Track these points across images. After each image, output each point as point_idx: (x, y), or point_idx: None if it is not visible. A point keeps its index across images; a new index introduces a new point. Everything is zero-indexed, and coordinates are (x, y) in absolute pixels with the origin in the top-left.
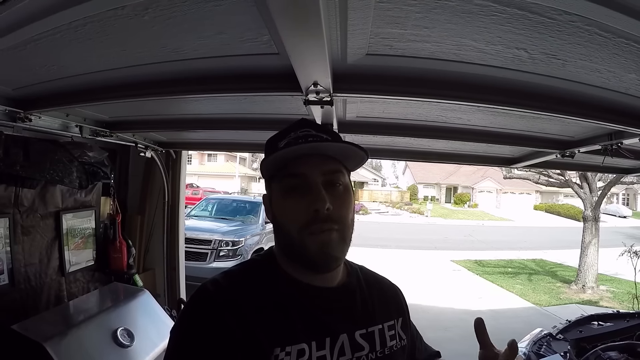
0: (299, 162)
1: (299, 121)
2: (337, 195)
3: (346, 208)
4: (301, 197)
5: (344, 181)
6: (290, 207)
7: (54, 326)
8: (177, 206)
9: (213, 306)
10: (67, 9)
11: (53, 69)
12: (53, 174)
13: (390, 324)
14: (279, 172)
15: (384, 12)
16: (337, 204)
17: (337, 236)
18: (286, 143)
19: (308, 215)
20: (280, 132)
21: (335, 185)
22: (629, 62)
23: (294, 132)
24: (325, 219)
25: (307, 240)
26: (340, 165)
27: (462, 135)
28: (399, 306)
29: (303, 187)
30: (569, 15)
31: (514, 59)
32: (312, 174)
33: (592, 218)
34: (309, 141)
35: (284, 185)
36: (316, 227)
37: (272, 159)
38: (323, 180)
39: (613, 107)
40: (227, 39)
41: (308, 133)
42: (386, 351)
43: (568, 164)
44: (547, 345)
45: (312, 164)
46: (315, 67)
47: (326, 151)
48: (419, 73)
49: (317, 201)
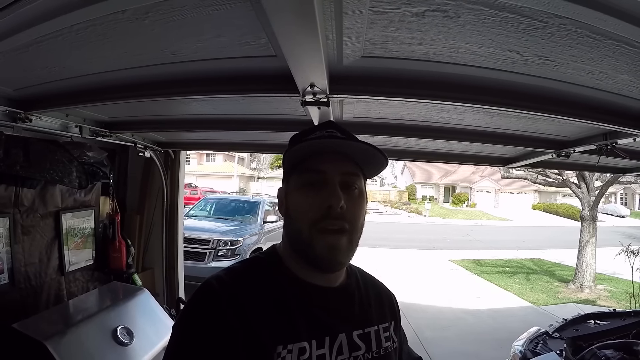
0: (320, 158)
1: (326, 122)
2: (352, 197)
3: (359, 211)
4: (317, 193)
5: (359, 185)
6: (305, 202)
7: (55, 325)
8: (176, 206)
9: (217, 303)
10: (70, 13)
11: (54, 71)
12: (53, 173)
13: (385, 325)
14: (298, 166)
15: (378, 15)
16: (351, 205)
17: (346, 240)
18: (310, 138)
19: (321, 210)
20: (306, 129)
21: (351, 188)
22: (620, 63)
23: (320, 131)
24: (338, 216)
25: (315, 237)
26: (359, 170)
27: (459, 136)
28: (392, 310)
29: (320, 183)
30: (560, 18)
31: (507, 61)
32: (331, 171)
33: (590, 217)
34: (334, 141)
35: (302, 179)
36: (327, 223)
37: (295, 149)
38: (340, 180)
39: (607, 107)
40: (226, 41)
41: (333, 134)
42: (381, 352)
43: (564, 164)
44: (543, 344)
45: (332, 162)
46: (311, 69)
47: (348, 151)
48: (414, 75)
49: (331, 197)
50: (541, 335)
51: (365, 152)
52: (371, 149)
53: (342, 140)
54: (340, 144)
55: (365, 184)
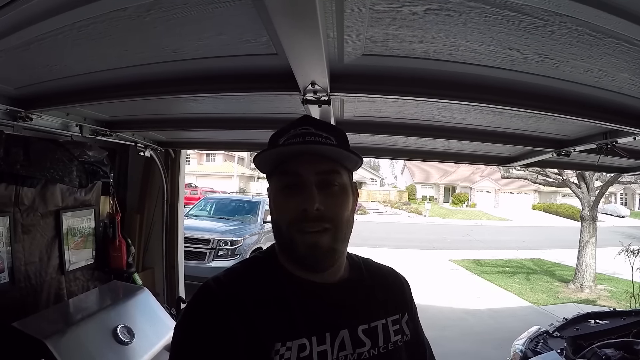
0: (294, 160)
1: (300, 118)
2: (332, 194)
3: (340, 207)
4: (293, 195)
5: (340, 181)
6: (283, 204)
7: (55, 324)
8: (176, 205)
9: (216, 304)
10: (72, 10)
11: (55, 69)
12: (53, 173)
13: (395, 318)
14: (276, 168)
15: (379, 13)
16: (331, 203)
17: (328, 236)
18: (284, 140)
19: (297, 213)
20: (283, 128)
21: (330, 185)
22: (620, 61)
23: (294, 129)
24: (315, 218)
25: (295, 237)
26: (337, 165)
27: (459, 135)
28: (404, 300)
29: (296, 185)
30: (560, 16)
31: (507, 59)
32: (306, 173)
33: (590, 217)
34: (306, 140)
35: (279, 181)
36: (304, 226)
37: (264, 156)
38: (317, 180)
39: (607, 106)
40: (227, 39)
41: (307, 131)
42: (390, 346)
43: (564, 163)
44: (543, 343)
45: (306, 163)
46: (312, 67)
47: (320, 152)
48: (415, 73)
49: (305, 201)
50: (542, 335)
51: (339, 153)
52: (340, 151)
53: (311, 145)
54: (309, 148)
55: (350, 175)
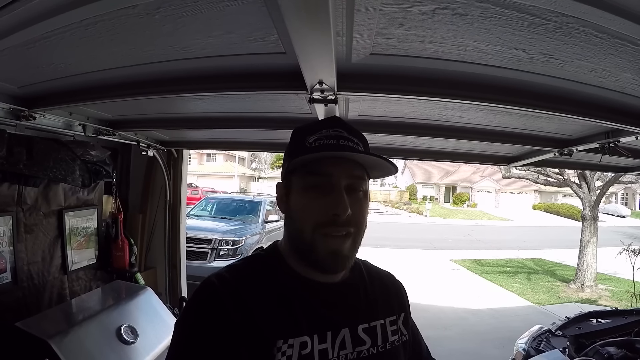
0: (329, 162)
1: (331, 119)
2: (357, 200)
3: (364, 214)
4: (322, 197)
5: (364, 188)
6: (310, 205)
7: (58, 323)
8: (179, 205)
9: (218, 300)
10: (81, 7)
11: (60, 67)
12: (56, 172)
13: (392, 319)
14: (303, 167)
15: (389, 13)
16: (356, 209)
17: (350, 242)
18: (316, 139)
19: (326, 217)
20: (311, 125)
21: (356, 191)
22: (624, 61)
23: (326, 129)
24: (344, 223)
25: (318, 240)
26: (364, 172)
27: (462, 134)
28: (401, 302)
29: (326, 187)
30: (566, 17)
31: (513, 59)
32: (338, 175)
33: (591, 217)
34: (341, 144)
35: (306, 180)
36: (332, 230)
37: (302, 160)
38: (346, 184)
39: (610, 105)
40: (236, 38)
41: (340, 134)
42: (387, 346)
43: (566, 163)
44: (546, 342)
45: (340, 166)
46: (321, 66)
47: (360, 160)
48: (421, 72)
49: (339, 206)
50: (544, 334)
51: (376, 162)
52: (386, 163)
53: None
54: (350, 156)
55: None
